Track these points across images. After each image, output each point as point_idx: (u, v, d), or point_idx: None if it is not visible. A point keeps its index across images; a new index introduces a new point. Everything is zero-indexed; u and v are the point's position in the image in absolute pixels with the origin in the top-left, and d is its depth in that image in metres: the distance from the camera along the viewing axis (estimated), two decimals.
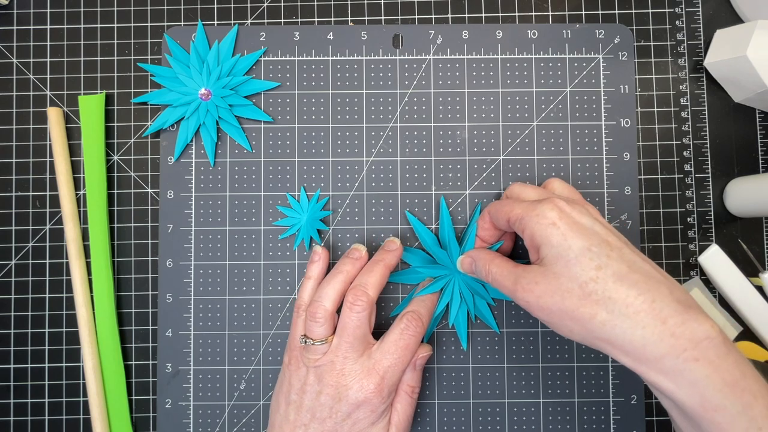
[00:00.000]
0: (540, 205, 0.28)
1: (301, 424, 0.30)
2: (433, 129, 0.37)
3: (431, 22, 0.38)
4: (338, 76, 0.37)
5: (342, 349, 0.30)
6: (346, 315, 0.31)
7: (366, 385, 0.29)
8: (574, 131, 0.37)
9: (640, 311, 0.24)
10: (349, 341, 0.30)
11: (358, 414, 0.30)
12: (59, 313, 0.37)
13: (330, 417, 0.30)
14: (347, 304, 0.31)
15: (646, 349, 0.24)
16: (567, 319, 0.26)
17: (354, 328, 0.30)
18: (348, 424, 0.30)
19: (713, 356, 0.23)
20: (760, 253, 0.37)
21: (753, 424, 0.22)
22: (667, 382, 0.23)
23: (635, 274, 0.25)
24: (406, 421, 0.32)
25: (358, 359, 0.30)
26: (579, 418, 0.36)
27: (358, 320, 0.30)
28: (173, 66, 0.37)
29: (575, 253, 0.26)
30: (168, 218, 0.37)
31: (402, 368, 0.31)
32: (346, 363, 0.30)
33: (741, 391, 0.22)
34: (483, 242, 0.34)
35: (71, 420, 0.36)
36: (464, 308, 0.35)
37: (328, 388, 0.30)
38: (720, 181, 0.37)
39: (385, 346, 0.31)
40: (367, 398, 0.29)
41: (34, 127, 0.38)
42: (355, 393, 0.29)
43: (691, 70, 0.38)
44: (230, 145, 0.37)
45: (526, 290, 0.27)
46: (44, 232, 0.37)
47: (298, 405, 0.30)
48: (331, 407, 0.30)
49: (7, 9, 0.38)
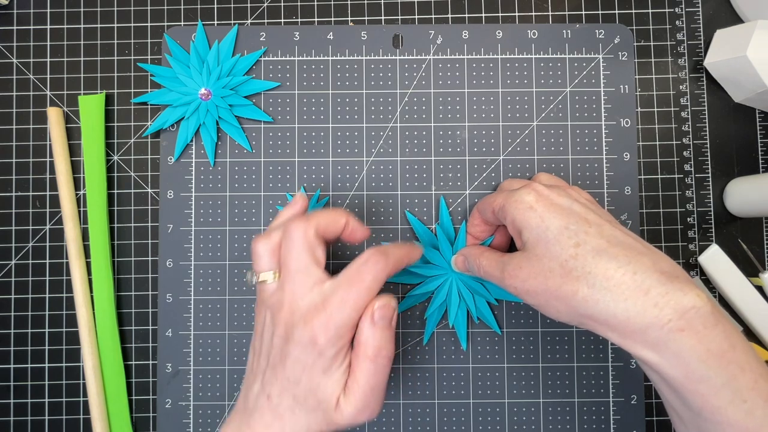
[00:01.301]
0: (518, 191, 0.28)
1: (260, 371, 0.28)
2: (433, 129, 0.37)
3: (431, 22, 0.38)
4: (338, 76, 0.37)
5: (288, 284, 0.27)
6: (284, 245, 0.28)
7: (311, 323, 0.26)
8: (574, 131, 0.37)
9: (621, 284, 0.24)
10: (291, 275, 0.27)
11: (306, 357, 0.26)
12: (59, 313, 0.37)
13: (281, 361, 0.27)
14: (284, 232, 0.28)
15: (629, 321, 0.23)
16: (552, 299, 0.25)
17: (295, 260, 0.27)
18: (298, 369, 0.26)
19: (699, 326, 0.22)
20: (760, 253, 0.37)
21: (738, 395, 0.22)
22: (651, 354, 0.23)
23: (615, 248, 0.25)
24: (370, 391, 0.26)
25: (306, 295, 0.27)
26: (579, 418, 0.36)
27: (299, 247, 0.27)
28: (173, 66, 0.37)
29: (553, 233, 0.26)
30: (168, 218, 0.37)
31: (353, 307, 0.26)
32: (294, 298, 0.27)
33: (727, 362, 0.22)
34: (474, 239, 0.35)
35: (71, 420, 0.36)
36: (464, 308, 0.36)
37: (279, 328, 0.27)
38: (720, 181, 0.37)
39: (338, 281, 0.27)
40: (312, 337, 0.26)
41: (34, 127, 0.38)
42: (300, 331, 0.26)
43: (691, 70, 0.38)
44: (230, 145, 0.37)
45: (512, 276, 0.27)
46: (44, 232, 0.37)
47: (258, 352, 0.28)
48: (281, 349, 0.27)
49: (7, 9, 0.38)
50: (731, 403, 0.22)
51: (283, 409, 0.26)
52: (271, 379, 0.27)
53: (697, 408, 0.23)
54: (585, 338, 0.36)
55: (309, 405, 0.26)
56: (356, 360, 0.27)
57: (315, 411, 0.26)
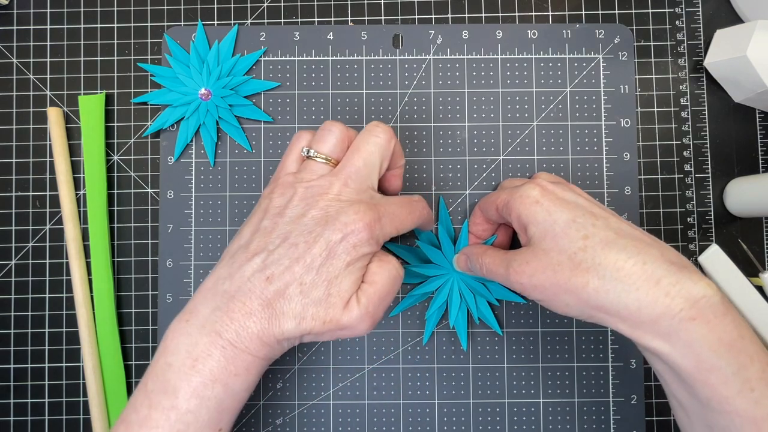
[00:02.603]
0: (523, 186, 0.28)
1: (264, 249, 0.25)
2: (433, 129, 0.37)
3: (431, 22, 0.38)
4: (338, 76, 0.37)
5: (344, 174, 0.26)
6: (364, 138, 0.27)
7: (362, 215, 0.25)
8: (574, 131, 0.37)
9: (632, 273, 0.24)
10: (356, 168, 0.26)
11: (339, 246, 0.25)
12: (59, 313, 0.37)
13: (305, 241, 0.25)
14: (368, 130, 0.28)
15: (641, 312, 0.23)
16: (561, 293, 0.25)
17: (368, 154, 0.27)
18: (322, 257, 0.25)
19: (710, 315, 0.22)
20: (760, 253, 0.37)
21: (746, 385, 0.22)
22: (662, 344, 0.23)
23: (623, 239, 0.25)
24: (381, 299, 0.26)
25: (361, 192, 0.26)
26: (579, 418, 0.36)
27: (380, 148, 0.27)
28: (173, 66, 0.37)
29: (561, 227, 0.26)
30: (168, 218, 0.37)
31: (398, 226, 0.27)
32: (344, 190, 0.26)
33: (737, 351, 0.22)
34: (476, 238, 0.35)
35: (71, 420, 0.36)
36: (464, 308, 0.35)
37: (315, 210, 0.25)
38: (720, 181, 0.37)
39: (390, 198, 0.28)
40: (357, 229, 0.25)
41: (34, 127, 0.38)
42: (346, 217, 0.25)
43: (691, 70, 0.38)
44: (230, 145, 0.37)
45: (518, 272, 0.27)
46: (44, 232, 0.37)
47: (269, 230, 0.26)
48: (311, 231, 0.25)
49: (7, 9, 0.38)
50: (740, 393, 0.22)
51: (277, 296, 0.24)
52: (281, 259, 0.25)
53: (706, 399, 0.23)
54: (585, 338, 0.36)
55: (314, 296, 0.25)
56: (380, 267, 0.27)
57: (318, 304, 0.25)
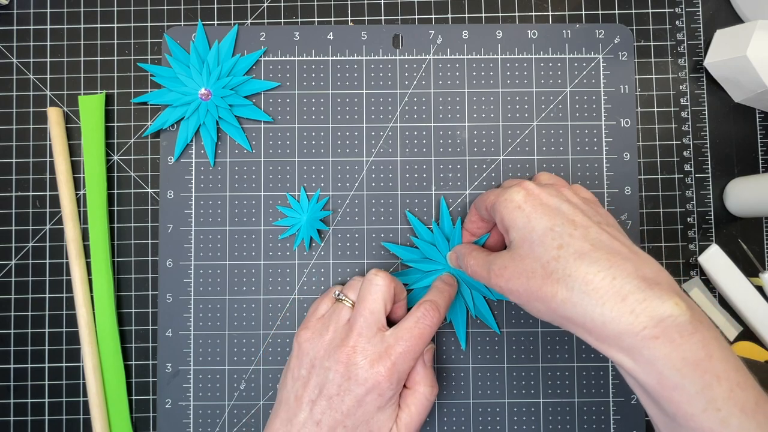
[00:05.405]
0: (509, 189, 0.28)
1: (308, 399, 0.29)
2: (433, 129, 0.37)
3: (431, 22, 0.38)
4: (338, 76, 0.37)
5: (359, 319, 0.30)
6: (366, 287, 0.31)
7: (377, 368, 0.29)
8: (574, 131, 0.37)
9: (600, 288, 0.23)
10: (364, 318, 0.30)
11: (367, 397, 0.29)
12: (59, 313, 0.37)
13: (338, 395, 0.29)
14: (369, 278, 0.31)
15: (605, 327, 0.23)
16: (533, 300, 0.25)
17: (372, 302, 0.30)
18: (355, 406, 0.29)
19: (675, 335, 0.22)
20: (760, 253, 0.37)
21: (711, 405, 0.22)
22: (626, 359, 0.23)
23: (597, 251, 0.25)
24: (419, 424, 0.30)
25: (371, 338, 0.29)
26: (579, 418, 0.36)
27: (380, 292, 0.30)
28: (173, 66, 0.37)
29: (538, 234, 0.26)
30: (168, 218, 0.37)
31: (414, 356, 0.30)
32: (360, 340, 0.29)
33: (702, 371, 0.22)
34: (471, 235, 0.35)
35: (71, 420, 0.36)
36: (462, 305, 0.36)
37: (339, 365, 0.29)
38: (720, 181, 0.37)
39: (399, 332, 0.30)
40: (377, 382, 0.28)
41: (34, 127, 0.38)
42: (365, 373, 0.29)
43: (691, 70, 0.38)
44: (230, 145, 0.37)
45: (497, 275, 0.27)
46: (44, 232, 0.37)
47: (306, 380, 0.30)
48: (339, 385, 0.29)
49: (7, 9, 0.38)
50: (705, 412, 0.22)
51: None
52: (324, 409, 0.29)
53: (672, 413, 0.23)
54: None
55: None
56: (412, 396, 0.30)
57: None
